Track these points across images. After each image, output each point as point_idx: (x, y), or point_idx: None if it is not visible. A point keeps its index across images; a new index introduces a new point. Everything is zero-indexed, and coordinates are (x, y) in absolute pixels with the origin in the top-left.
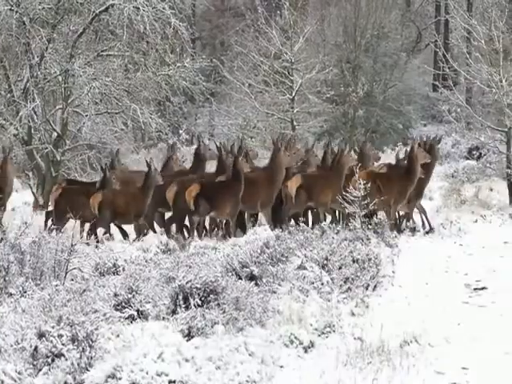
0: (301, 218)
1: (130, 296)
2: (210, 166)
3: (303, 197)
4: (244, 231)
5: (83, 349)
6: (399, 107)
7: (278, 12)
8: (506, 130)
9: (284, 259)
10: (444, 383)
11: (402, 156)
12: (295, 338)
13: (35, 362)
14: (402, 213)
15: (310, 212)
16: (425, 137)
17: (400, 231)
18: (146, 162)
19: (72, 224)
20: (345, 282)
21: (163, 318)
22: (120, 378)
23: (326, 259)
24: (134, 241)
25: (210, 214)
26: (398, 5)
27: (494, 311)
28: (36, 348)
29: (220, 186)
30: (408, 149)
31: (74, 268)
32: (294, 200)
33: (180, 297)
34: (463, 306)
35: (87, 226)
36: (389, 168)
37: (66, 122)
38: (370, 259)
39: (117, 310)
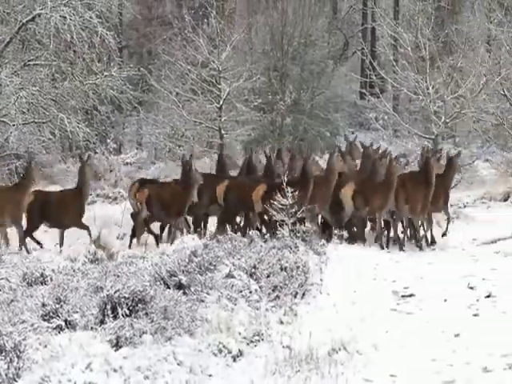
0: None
1: (57, 306)
2: None
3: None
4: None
5: (11, 359)
6: (327, 115)
7: (205, 20)
8: (433, 137)
9: (212, 268)
10: None
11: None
12: (224, 346)
13: None
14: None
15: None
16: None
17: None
18: (183, 162)
19: None
20: (273, 290)
21: (91, 328)
22: None
23: (254, 267)
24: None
25: None
26: (325, 13)
27: (421, 318)
28: None
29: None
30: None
31: (2, 278)
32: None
33: (108, 306)
34: (391, 313)
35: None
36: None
37: None
38: (298, 267)
39: (44, 320)
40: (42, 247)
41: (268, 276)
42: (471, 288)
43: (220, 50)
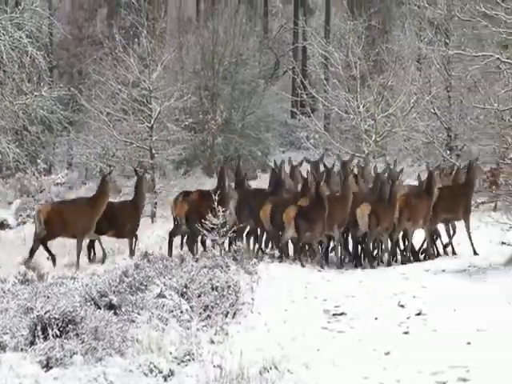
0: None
1: None
2: None
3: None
4: None
5: None
6: (258, 134)
7: (136, 40)
8: (364, 155)
9: (143, 288)
10: None
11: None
12: (154, 366)
13: None
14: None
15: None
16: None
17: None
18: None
19: None
20: (204, 310)
21: (21, 349)
22: None
23: (186, 287)
24: None
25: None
26: (256, 32)
27: (352, 336)
28: None
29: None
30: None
31: None
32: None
33: (38, 327)
34: (322, 332)
35: None
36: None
37: None
38: (229, 286)
39: None
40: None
41: (199, 295)
42: (402, 306)
43: (151, 69)
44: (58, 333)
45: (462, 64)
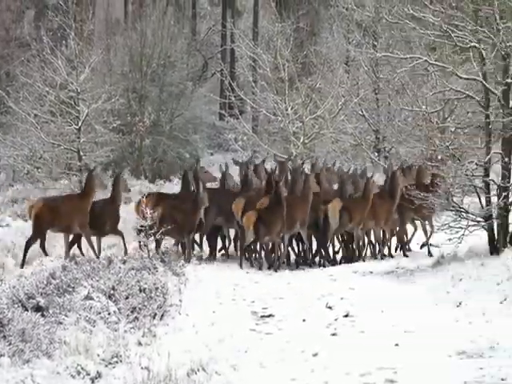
0: None
1: None
2: None
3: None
4: None
5: None
6: (186, 136)
7: (64, 42)
8: (292, 157)
9: (71, 290)
10: None
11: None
12: (82, 368)
13: None
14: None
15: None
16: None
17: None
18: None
19: None
20: (132, 312)
21: None
22: None
23: (113, 289)
24: None
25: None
26: (184, 34)
27: (280, 338)
28: None
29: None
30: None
31: None
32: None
33: None
34: (250, 334)
35: None
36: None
37: None
38: (157, 288)
39: None
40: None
41: (127, 297)
42: (330, 307)
43: (78, 71)
44: None
45: (390, 66)
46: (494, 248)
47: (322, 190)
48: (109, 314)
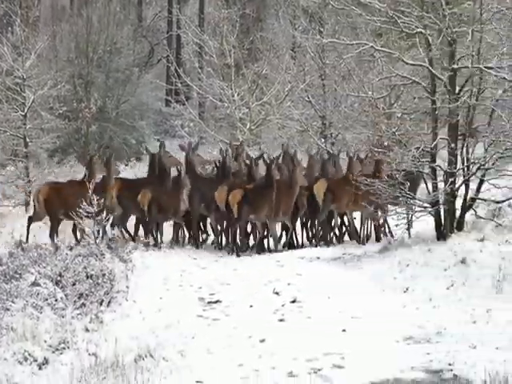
0: None
1: None
2: None
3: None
4: None
5: None
6: (132, 122)
7: (10, 28)
8: (238, 143)
9: (17, 276)
10: None
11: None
12: (29, 354)
13: None
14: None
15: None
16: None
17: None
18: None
19: None
20: (79, 298)
21: None
22: None
23: (60, 275)
24: None
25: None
26: (130, 20)
27: (228, 324)
28: None
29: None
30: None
31: None
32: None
33: None
34: (197, 320)
35: None
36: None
37: None
38: (104, 275)
39: None
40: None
41: (74, 284)
42: (277, 293)
43: (24, 58)
44: None
45: (337, 52)
46: (441, 234)
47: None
48: (56, 300)
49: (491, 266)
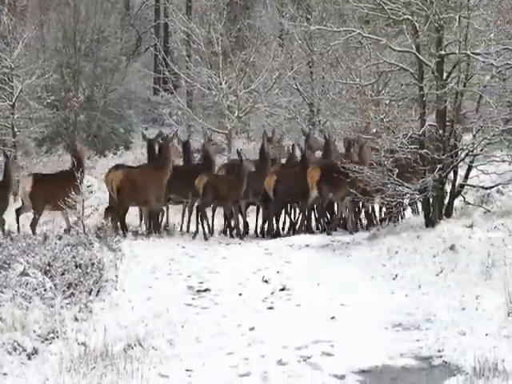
0: None
1: None
2: None
3: None
4: None
5: None
6: (120, 111)
7: None
8: (227, 132)
9: (6, 266)
10: None
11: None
12: (18, 344)
13: None
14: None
15: None
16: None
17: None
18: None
19: None
20: (68, 288)
21: None
22: None
23: (49, 265)
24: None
25: None
26: (118, 9)
27: (217, 312)
28: None
29: None
30: None
31: None
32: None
33: None
34: (187, 308)
35: None
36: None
37: None
38: (92, 264)
39: None
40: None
41: (63, 273)
42: (266, 281)
43: (12, 47)
44: None
45: (324, 39)
46: (430, 221)
47: None
48: (45, 290)
49: (480, 253)
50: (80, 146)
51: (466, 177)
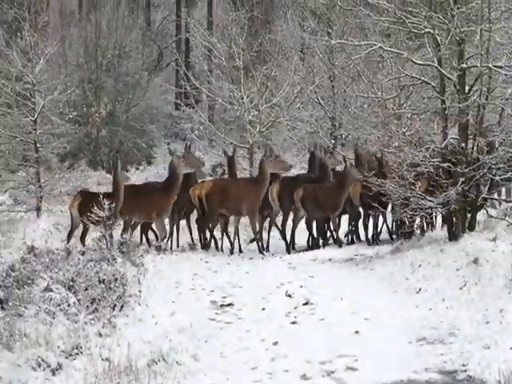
0: None
1: None
2: None
3: None
4: None
5: None
6: (142, 126)
7: (19, 34)
8: (248, 146)
9: (30, 282)
10: None
11: None
12: (42, 360)
13: None
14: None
15: None
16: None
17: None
18: (344, 158)
19: None
20: (91, 303)
21: None
22: None
23: (72, 280)
24: None
25: None
26: (139, 24)
27: (240, 327)
28: None
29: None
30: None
31: None
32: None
33: None
34: (210, 323)
35: None
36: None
37: None
38: (116, 279)
39: None
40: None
41: (86, 289)
42: (289, 296)
43: (34, 63)
44: None
45: (345, 53)
46: (453, 234)
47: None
48: (68, 305)
49: (504, 266)
50: (124, 175)
51: (489, 190)
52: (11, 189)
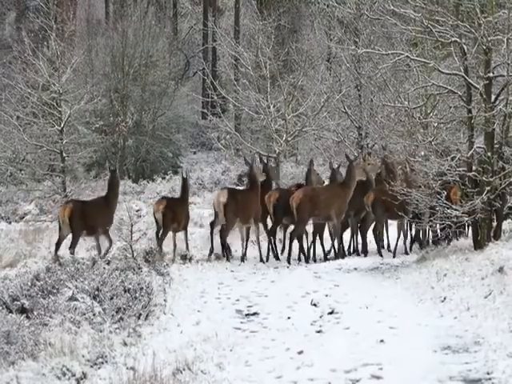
0: None
1: None
2: None
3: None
4: None
5: None
6: (169, 136)
7: (45, 43)
8: (275, 155)
9: (55, 291)
10: None
11: None
12: (67, 369)
13: None
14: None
15: None
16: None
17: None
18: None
19: None
20: (117, 312)
21: None
22: None
23: (98, 290)
24: None
25: None
26: (166, 33)
27: (265, 336)
28: None
29: None
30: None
31: None
32: None
33: None
34: (235, 332)
35: None
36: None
37: None
38: (141, 288)
39: None
40: None
41: (111, 298)
42: (314, 305)
43: (60, 72)
44: None
45: (372, 62)
46: (478, 243)
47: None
48: (93, 314)
49: None
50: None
51: None
52: (37, 198)
